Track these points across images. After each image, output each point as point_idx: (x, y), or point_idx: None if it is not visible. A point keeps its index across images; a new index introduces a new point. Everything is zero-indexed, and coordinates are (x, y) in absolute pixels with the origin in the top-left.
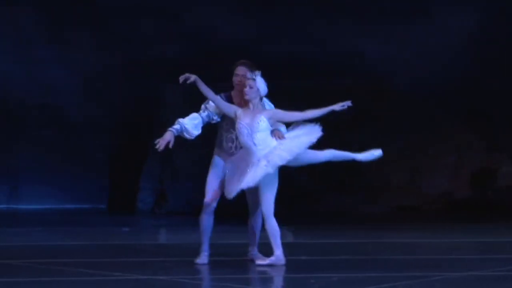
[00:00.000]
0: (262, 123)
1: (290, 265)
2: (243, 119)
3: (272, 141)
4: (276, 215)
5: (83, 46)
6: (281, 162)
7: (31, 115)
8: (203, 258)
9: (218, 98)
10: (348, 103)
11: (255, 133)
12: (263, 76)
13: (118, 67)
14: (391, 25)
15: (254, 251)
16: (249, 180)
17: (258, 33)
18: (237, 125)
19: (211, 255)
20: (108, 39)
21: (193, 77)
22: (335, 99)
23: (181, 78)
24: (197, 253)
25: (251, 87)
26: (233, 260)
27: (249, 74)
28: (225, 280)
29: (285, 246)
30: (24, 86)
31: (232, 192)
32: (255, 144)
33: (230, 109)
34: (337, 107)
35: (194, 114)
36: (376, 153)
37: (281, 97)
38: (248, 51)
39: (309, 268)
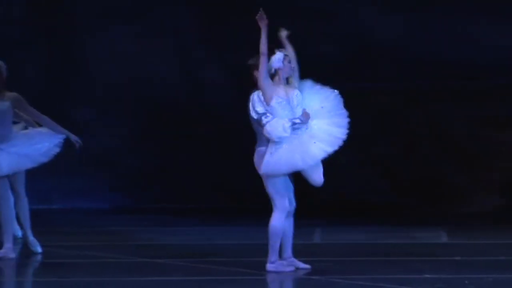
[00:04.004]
0: (299, 96)
1: (445, 266)
2: (279, 94)
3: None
4: (430, 214)
5: (237, 45)
6: (341, 135)
7: (185, 113)
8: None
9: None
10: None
11: (297, 106)
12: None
13: None
14: None
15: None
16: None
17: (413, 33)
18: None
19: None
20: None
21: (264, 22)
22: (492, 99)
23: (260, 17)
24: (348, 253)
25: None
26: (385, 260)
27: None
28: (378, 280)
29: (440, 247)
30: (179, 86)
31: (295, 165)
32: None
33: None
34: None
35: None
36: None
37: (437, 97)
38: (404, 51)
39: (464, 268)
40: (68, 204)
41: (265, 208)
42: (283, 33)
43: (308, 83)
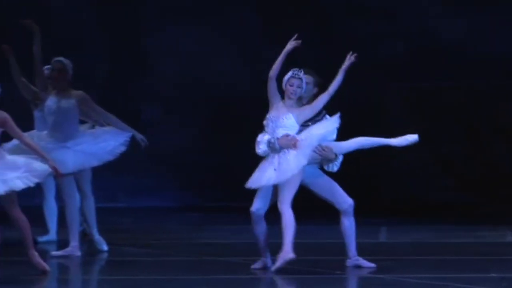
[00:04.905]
0: (288, 120)
1: (511, 265)
2: (272, 112)
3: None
4: (496, 213)
5: (303, 45)
6: (291, 172)
7: (251, 112)
8: (258, 263)
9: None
10: (353, 55)
11: (278, 128)
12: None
13: (334, 66)
14: None
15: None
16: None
17: (477, 33)
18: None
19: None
20: (326, 39)
21: (291, 47)
22: None
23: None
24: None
25: (299, 87)
26: (450, 259)
27: (297, 73)
28: (444, 279)
29: (506, 246)
30: (244, 84)
31: (249, 183)
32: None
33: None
34: (346, 62)
35: None
36: (411, 138)
37: (503, 95)
38: (469, 50)
39: None
40: (134, 202)
41: (330, 207)
42: (346, 63)
43: (335, 117)
